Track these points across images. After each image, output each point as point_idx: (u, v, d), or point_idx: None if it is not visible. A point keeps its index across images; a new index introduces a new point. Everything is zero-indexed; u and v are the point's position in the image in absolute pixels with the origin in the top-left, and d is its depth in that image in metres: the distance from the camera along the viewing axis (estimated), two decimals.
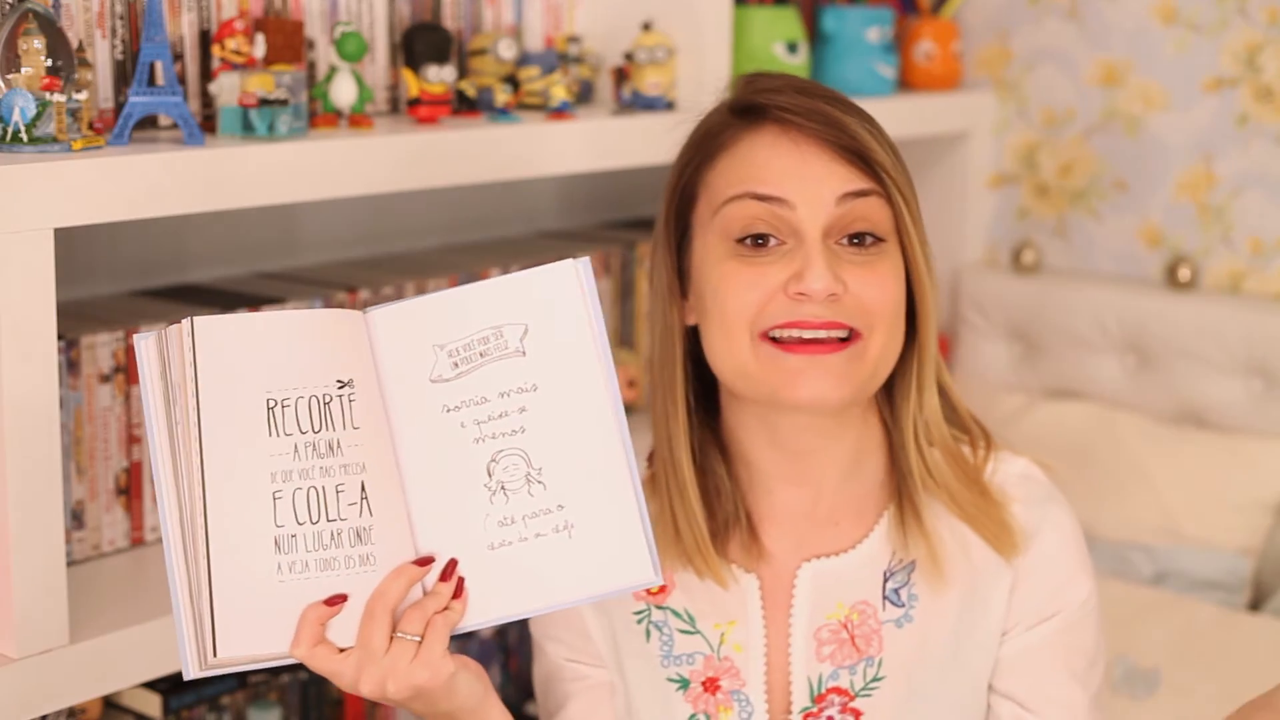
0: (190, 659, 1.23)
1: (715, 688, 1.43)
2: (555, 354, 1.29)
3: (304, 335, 1.25)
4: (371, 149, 1.66)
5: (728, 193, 1.37)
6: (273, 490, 1.24)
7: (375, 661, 1.24)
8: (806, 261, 1.33)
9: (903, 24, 2.51)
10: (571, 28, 2.11)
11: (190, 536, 1.23)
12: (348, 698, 1.96)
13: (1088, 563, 1.44)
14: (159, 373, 1.24)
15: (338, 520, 1.25)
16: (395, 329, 1.28)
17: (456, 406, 1.28)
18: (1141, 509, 2.27)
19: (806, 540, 1.43)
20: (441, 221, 2.25)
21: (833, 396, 1.33)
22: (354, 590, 1.25)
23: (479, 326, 1.28)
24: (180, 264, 1.96)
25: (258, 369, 1.24)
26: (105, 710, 1.81)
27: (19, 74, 1.43)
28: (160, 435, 1.24)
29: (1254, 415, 2.30)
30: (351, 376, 1.26)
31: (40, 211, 1.39)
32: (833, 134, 1.36)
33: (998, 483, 1.43)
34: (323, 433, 1.25)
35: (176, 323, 1.23)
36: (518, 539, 1.28)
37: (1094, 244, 2.51)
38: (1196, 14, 2.36)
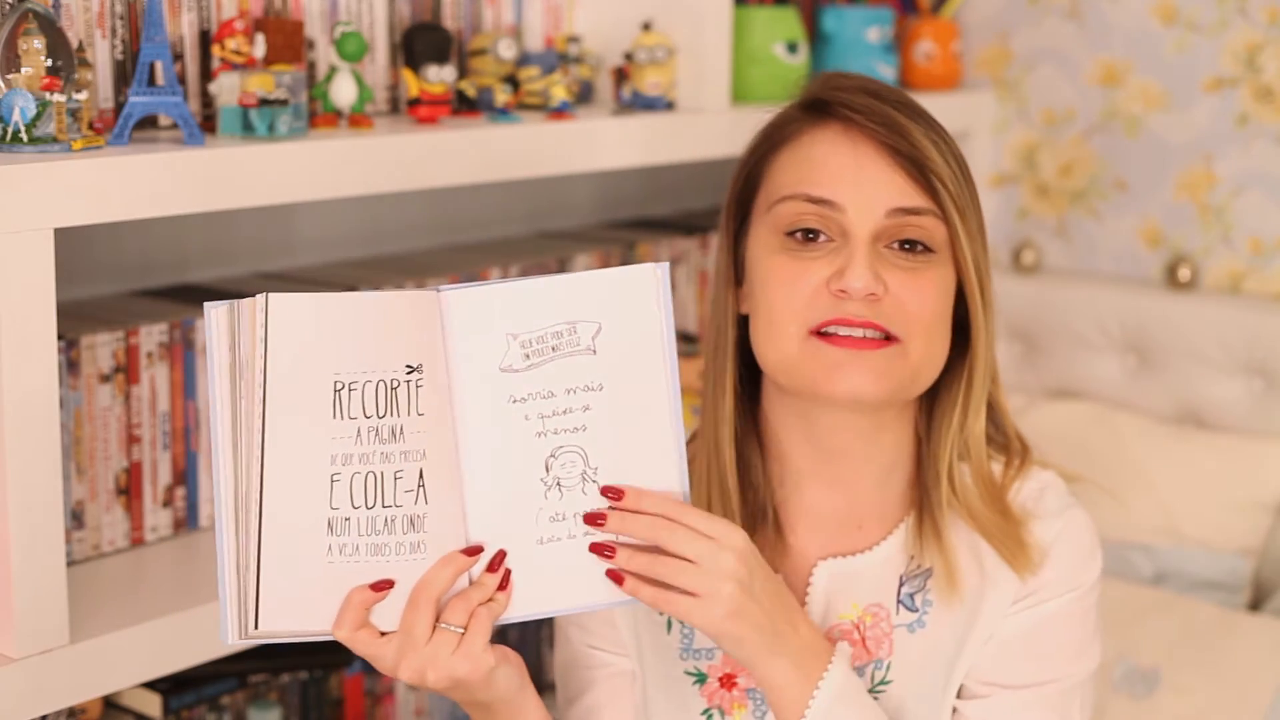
0: (231, 626, 1.24)
1: (732, 684, 1.43)
2: (624, 356, 1.29)
3: (376, 318, 1.25)
4: (371, 149, 1.66)
5: (783, 190, 1.38)
6: (331, 472, 1.24)
7: (416, 650, 1.25)
8: (850, 259, 1.34)
9: (903, 24, 2.51)
10: (571, 28, 2.11)
11: (244, 510, 1.23)
12: (348, 698, 1.96)
13: (1097, 554, 1.44)
14: (228, 344, 1.24)
15: (393, 506, 1.25)
16: (469, 313, 1.27)
17: (523, 398, 1.28)
18: (1141, 509, 2.27)
19: (828, 539, 1.43)
20: (441, 221, 2.25)
21: (869, 391, 1.34)
22: (402, 576, 1.25)
23: (554, 320, 1.28)
24: (180, 264, 1.96)
25: (327, 350, 1.24)
26: (105, 710, 1.81)
27: (19, 74, 1.43)
28: (223, 407, 1.24)
29: (1254, 415, 2.29)
30: (421, 361, 1.26)
31: (40, 211, 1.39)
32: (893, 139, 1.36)
33: (1020, 500, 1.43)
34: (387, 418, 1.25)
35: (250, 297, 1.23)
36: (566, 536, 1.29)
37: (1094, 244, 2.51)
38: (1196, 14, 2.36)
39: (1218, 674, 2.05)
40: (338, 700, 1.96)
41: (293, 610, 1.24)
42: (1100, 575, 1.44)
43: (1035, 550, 1.40)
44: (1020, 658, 1.40)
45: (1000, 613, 1.40)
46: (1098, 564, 1.43)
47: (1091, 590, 1.42)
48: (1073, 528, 1.42)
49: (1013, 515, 1.41)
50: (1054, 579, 1.40)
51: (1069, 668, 1.41)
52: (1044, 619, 1.40)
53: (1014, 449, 1.46)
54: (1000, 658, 1.40)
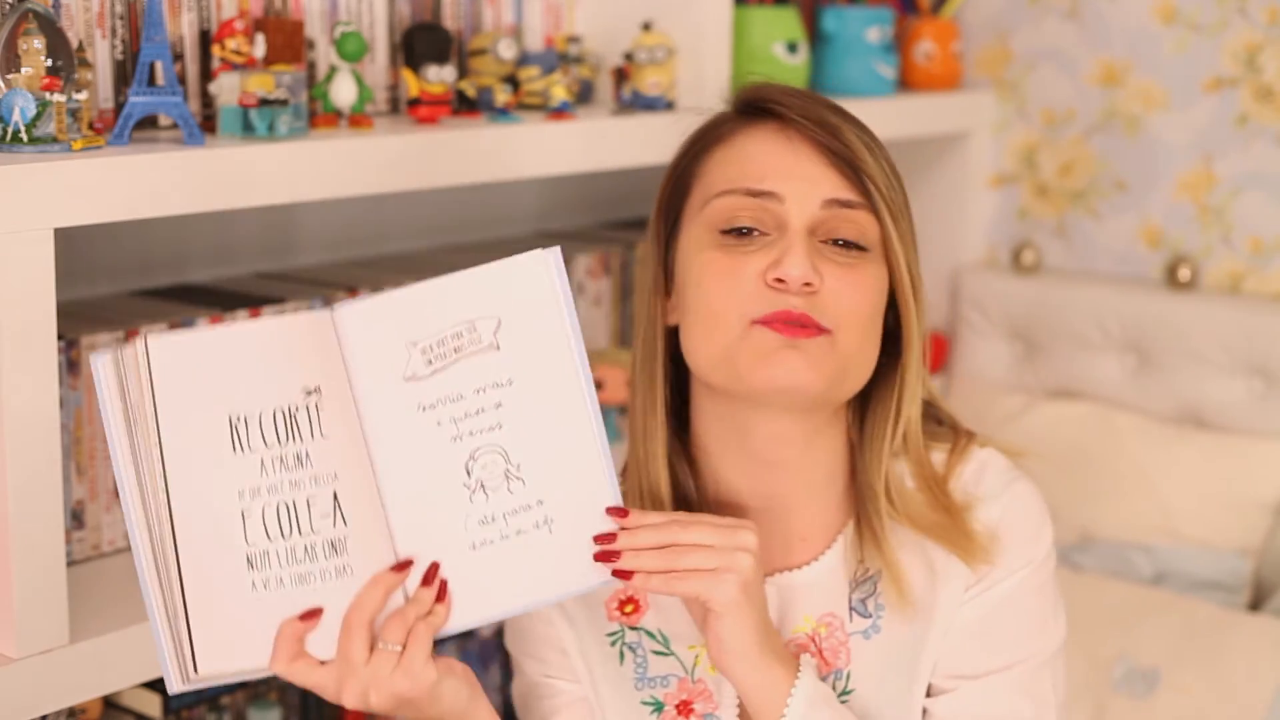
0: (173, 675, 1.23)
1: (689, 711, 1.41)
2: (529, 347, 1.26)
3: (265, 347, 1.22)
4: (371, 149, 1.66)
5: (720, 186, 1.38)
6: (241, 508, 1.22)
7: (356, 673, 1.23)
8: (786, 249, 1.33)
9: (903, 24, 2.51)
10: (571, 28, 2.11)
11: (161, 557, 1.21)
12: None
13: (1046, 525, 1.42)
14: (118, 393, 1.21)
15: (310, 534, 1.23)
16: (365, 327, 1.23)
17: (432, 405, 1.24)
18: (1141, 509, 2.27)
19: (770, 556, 1.41)
20: (441, 221, 2.24)
21: (802, 380, 1.32)
22: (332, 602, 1.23)
23: (452, 321, 1.25)
24: (180, 264, 1.96)
25: (218, 386, 1.21)
26: (105, 710, 1.81)
27: (19, 74, 1.43)
28: (124, 456, 1.22)
29: (1254, 415, 2.29)
30: (318, 383, 1.23)
31: (40, 211, 1.39)
32: (827, 138, 1.37)
33: (961, 485, 1.41)
34: (289, 445, 1.22)
35: (131, 342, 1.21)
36: (499, 537, 1.26)
37: (1094, 244, 2.51)
38: (1196, 14, 2.36)
39: (1218, 674, 2.05)
40: None
41: (228, 650, 1.23)
42: (1051, 546, 1.42)
43: (983, 537, 1.38)
44: (981, 645, 1.38)
45: (955, 603, 1.38)
46: (1048, 535, 1.41)
47: (1045, 563, 1.40)
48: (1016, 504, 1.40)
49: (956, 509, 1.39)
50: (1004, 558, 1.38)
51: (1033, 645, 1.39)
52: (1000, 601, 1.38)
53: (958, 433, 1.44)
54: (961, 648, 1.38)
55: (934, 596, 1.39)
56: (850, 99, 2.33)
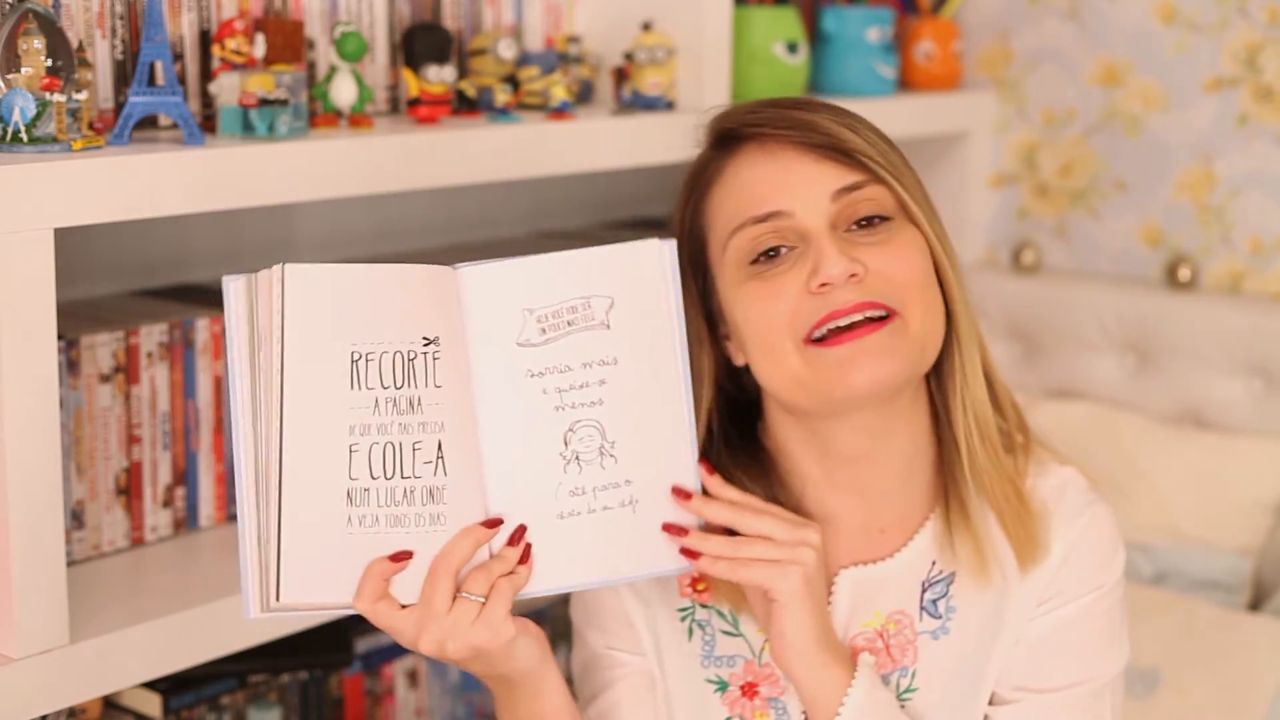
0: (252, 599, 1.24)
1: (754, 693, 1.42)
2: (637, 330, 1.31)
3: (393, 290, 1.25)
4: (371, 149, 1.66)
5: (730, 226, 1.38)
6: (350, 443, 1.24)
7: (436, 620, 1.25)
8: (819, 254, 1.33)
9: (903, 24, 2.51)
10: (571, 28, 2.11)
11: (264, 482, 1.23)
12: (348, 698, 1.96)
13: (1119, 550, 1.43)
14: (245, 317, 1.24)
15: (411, 478, 1.25)
16: (486, 289, 1.28)
17: (541, 372, 1.28)
18: (1141, 509, 2.27)
19: (851, 546, 1.42)
20: (441, 221, 2.25)
21: (885, 375, 1.32)
22: (421, 548, 1.25)
23: (568, 295, 1.29)
24: (180, 264, 1.96)
25: (345, 321, 1.24)
26: (105, 710, 1.81)
27: (19, 74, 1.43)
28: (241, 379, 1.24)
29: (1254, 415, 2.29)
30: (438, 334, 1.26)
31: (40, 211, 1.39)
32: (807, 136, 1.37)
33: (1039, 496, 1.42)
34: (404, 389, 1.25)
35: (268, 269, 1.23)
36: (586, 510, 1.30)
37: (1094, 244, 2.51)
38: (1196, 14, 2.36)
39: (1218, 674, 2.05)
40: (338, 700, 1.96)
41: (313, 582, 1.24)
42: (1123, 572, 1.43)
43: (1041, 548, 1.39)
44: (1048, 660, 1.39)
45: (1025, 616, 1.39)
46: (1120, 561, 1.43)
47: (1115, 588, 1.42)
48: (1094, 526, 1.41)
49: (1029, 505, 1.40)
50: (1077, 579, 1.40)
51: (1097, 668, 1.40)
52: (1070, 620, 1.39)
53: (1012, 427, 1.44)
54: (1028, 661, 1.39)
55: (1004, 605, 1.40)
56: (850, 99, 2.33)
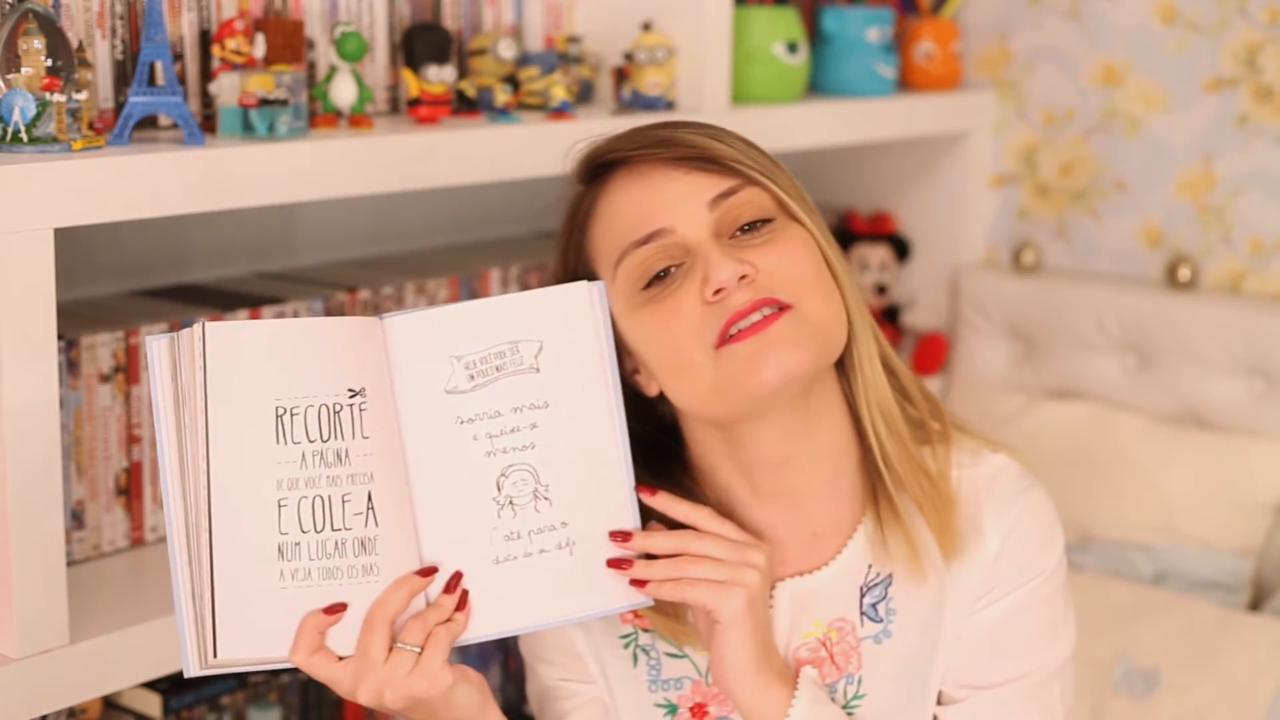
0: (191, 658, 1.24)
1: (704, 713, 1.42)
2: (567, 372, 1.31)
3: (317, 343, 1.26)
4: (371, 149, 1.66)
5: (614, 254, 1.37)
6: (278, 498, 1.24)
7: (373, 671, 1.25)
8: (706, 262, 1.32)
9: (903, 24, 2.51)
10: (571, 28, 2.11)
11: (195, 539, 1.24)
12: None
13: (1057, 534, 1.42)
14: (170, 375, 1.25)
15: (342, 530, 1.25)
16: (412, 337, 1.28)
17: (470, 419, 1.29)
18: (1141, 509, 2.27)
19: (784, 557, 1.41)
20: (441, 221, 2.25)
21: (792, 364, 1.30)
22: (355, 599, 1.26)
23: (496, 340, 1.30)
24: (180, 264, 1.96)
25: (268, 376, 1.25)
26: (105, 710, 1.81)
27: (19, 74, 1.43)
28: (169, 437, 1.24)
29: (1254, 415, 2.29)
30: (364, 385, 1.26)
31: (40, 211, 1.39)
32: (671, 151, 1.36)
33: (968, 488, 1.40)
34: (331, 441, 1.25)
35: (189, 326, 1.24)
36: (522, 554, 1.29)
37: (1094, 244, 2.51)
38: (1196, 14, 2.36)
39: (1218, 674, 2.05)
40: (337, 700, 1.96)
41: (249, 637, 1.25)
42: (1062, 555, 1.42)
43: (959, 538, 1.38)
44: (992, 655, 1.39)
45: (965, 610, 1.38)
46: (1059, 545, 1.41)
47: (1056, 573, 1.41)
48: (1029, 513, 1.40)
49: (944, 494, 1.39)
50: (1015, 568, 1.38)
51: (1042, 657, 1.39)
52: (1010, 611, 1.38)
53: (926, 416, 1.42)
54: (972, 657, 1.39)
55: (942, 602, 1.39)
56: (850, 99, 2.35)
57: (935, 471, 1.40)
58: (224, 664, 1.24)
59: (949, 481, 1.40)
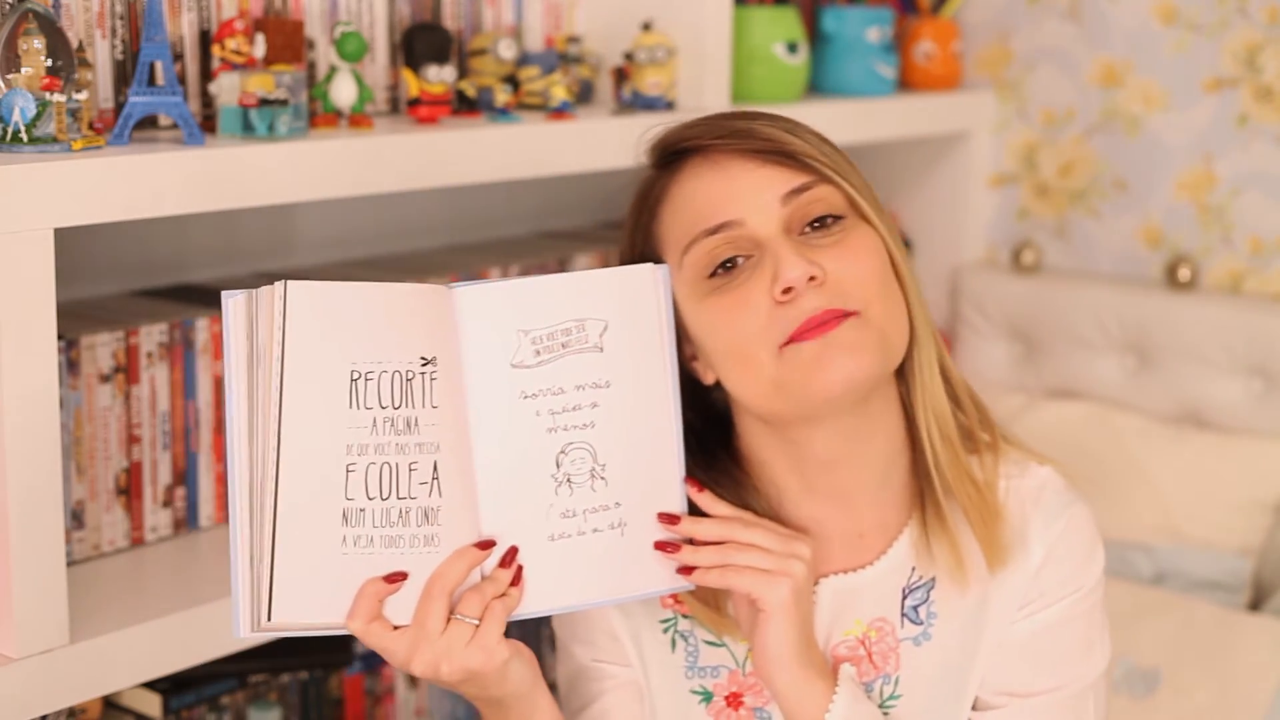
0: (243, 619, 1.23)
1: (739, 703, 1.42)
2: (629, 354, 1.31)
3: (393, 309, 1.25)
4: (371, 149, 1.66)
5: (683, 242, 1.37)
6: (347, 462, 1.24)
7: (430, 642, 1.25)
8: (776, 259, 1.32)
9: (903, 24, 2.51)
10: (571, 28, 2.11)
11: (258, 501, 1.23)
12: (348, 698, 1.96)
13: (1099, 550, 1.42)
14: (245, 333, 1.23)
15: (407, 498, 1.25)
16: (481, 309, 1.28)
17: (534, 394, 1.28)
18: (1141, 509, 2.27)
19: (829, 555, 1.41)
20: (441, 221, 2.25)
21: (856, 369, 1.31)
22: (415, 569, 1.25)
23: (564, 317, 1.29)
24: (180, 264, 1.96)
25: (345, 339, 1.24)
26: (105, 710, 1.81)
27: (19, 74, 1.43)
28: (239, 396, 1.23)
29: (1254, 415, 2.30)
30: (435, 354, 1.26)
31: (40, 211, 1.39)
32: (748, 143, 1.36)
33: (1017, 498, 1.41)
34: (402, 409, 1.25)
35: (269, 285, 1.23)
36: (576, 532, 1.30)
37: (1094, 244, 2.51)
38: (1196, 14, 2.36)
39: (1218, 674, 2.05)
40: (338, 700, 1.96)
41: (306, 602, 1.23)
42: (1102, 571, 1.43)
43: (1005, 549, 1.38)
44: (1030, 664, 1.39)
45: (1006, 619, 1.39)
46: (1099, 561, 1.42)
47: (1095, 588, 1.41)
48: (1074, 527, 1.41)
49: (993, 506, 1.39)
50: (1058, 581, 1.39)
51: (1079, 669, 1.40)
52: (1052, 623, 1.39)
53: (977, 428, 1.43)
54: (1010, 666, 1.39)
55: (985, 609, 1.39)
56: (850, 99, 2.35)
57: (983, 481, 1.40)
58: (277, 627, 1.23)
59: (996, 492, 1.41)
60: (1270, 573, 2.26)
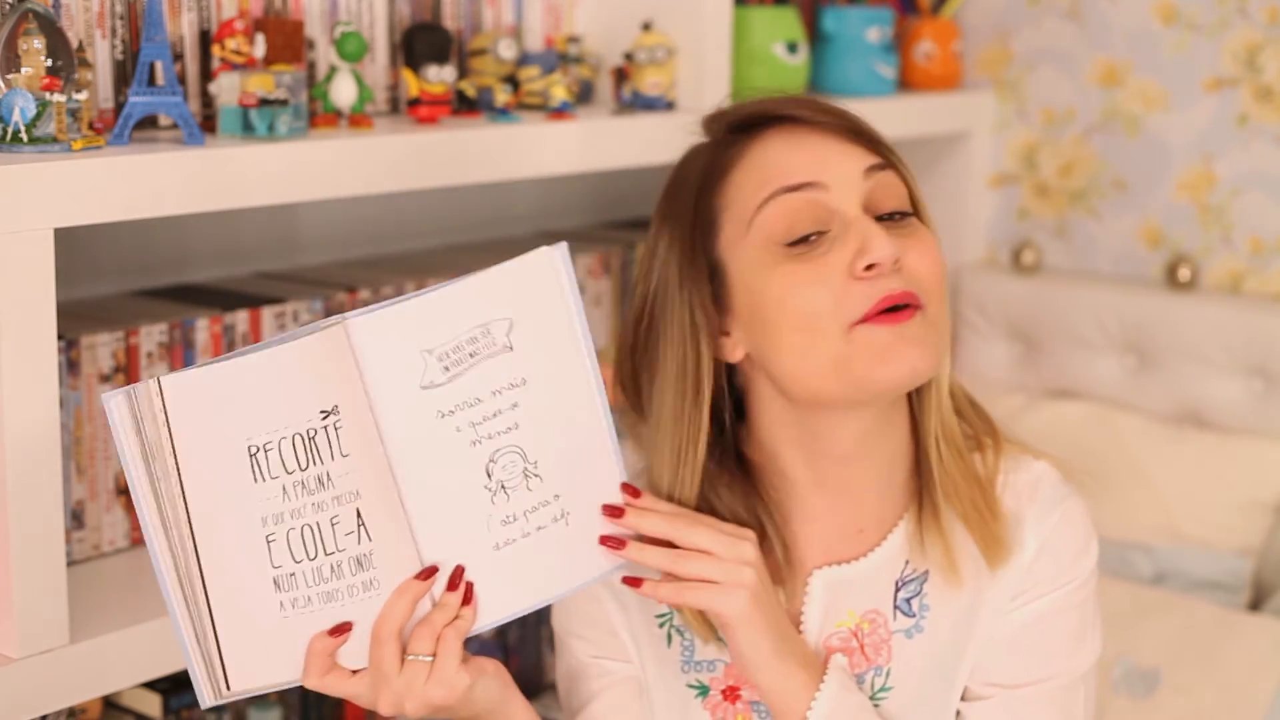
0: (204, 692, 1.24)
1: (736, 697, 1.42)
2: (540, 345, 1.27)
3: (279, 374, 1.22)
4: (371, 149, 1.66)
5: (758, 197, 1.34)
6: (266, 534, 1.22)
7: (389, 684, 1.24)
8: (865, 235, 1.31)
9: (903, 24, 2.51)
10: (571, 28, 2.11)
11: (188, 585, 1.23)
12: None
13: (1092, 544, 1.43)
14: (134, 430, 1.22)
15: (336, 552, 1.23)
16: (380, 338, 1.21)
17: (451, 411, 1.24)
18: (1141, 509, 2.27)
19: (826, 547, 1.42)
20: (441, 221, 2.25)
21: (922, 365, 1.31)
22: (360, 616, 1.24)
23: (466, 326, 1.24)
24: (180, 264, 1.96)
25: (234, 418, 1.21)
26: (105, 710, 1.81)
27: (19, 74, 1.43)
28: (143, 490, 1.22)
29: (1254, 415, 2.30)
30: (335, 402, 1.22)
31: (40, 211, 1.39)
32: (832, 119, 1.37)
33: (1014, 494, 1.41)
34: (310, 469, 1.22)
35: (145, 382, 1.22)
36: (521, 535, 1.27)
37: (1094, 244, 2.51)
38: (1196, 14, 2.36)
39: (1218, 674, 2.05)
40: (338, 700, 1.96)
41: (260, 667, 1.24)
42: (1095, 565, 1.43)
43: (1006, 549, 1.38)
44: (1021, 655, 1.39)
45: (1000, 611, 1.39)
46: (1093, 555, 1.42)
47: (1087, 582, 1.41)
48: (1068, 520, 1.41)
49: (992, 505, 1.39)
50: (1050, 573, 1.39)
51: (1069, 662, 1.40)
52: (1041, 614, 1.39)
53: (979, 430, 1.43)
54: (1000, 657, 1.39)
55: (978, 602, 1.40)
56: (850, 99, 2.34)
57: (985, 478, 1.41)
58: (239, 694, 1.24)
59: (996, 490, 1.41)
60: (1270, 573, 2.26)
